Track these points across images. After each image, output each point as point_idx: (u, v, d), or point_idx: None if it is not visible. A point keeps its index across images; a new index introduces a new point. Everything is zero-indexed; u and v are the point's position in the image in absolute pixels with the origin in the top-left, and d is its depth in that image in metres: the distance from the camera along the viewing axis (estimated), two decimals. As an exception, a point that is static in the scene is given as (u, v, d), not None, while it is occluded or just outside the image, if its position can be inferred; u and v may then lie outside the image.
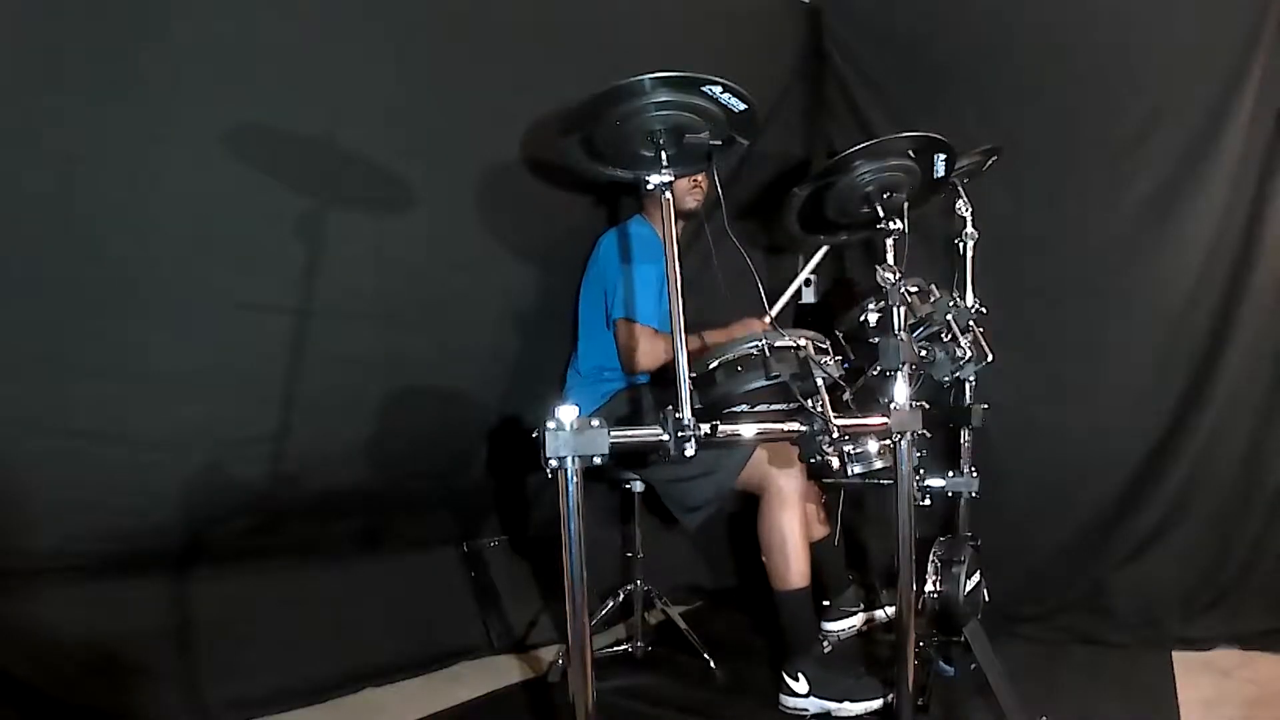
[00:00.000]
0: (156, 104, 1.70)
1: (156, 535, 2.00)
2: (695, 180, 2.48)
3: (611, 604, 2.51)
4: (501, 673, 2.54)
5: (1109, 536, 2.66)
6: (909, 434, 1.83)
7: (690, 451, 1.49)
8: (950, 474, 2.25)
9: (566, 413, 1.37)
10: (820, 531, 2.61)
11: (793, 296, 2.66)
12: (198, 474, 1.97)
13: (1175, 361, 2.59)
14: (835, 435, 1.70)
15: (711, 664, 2.41)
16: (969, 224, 2.39)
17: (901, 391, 1.85)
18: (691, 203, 2.51)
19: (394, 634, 2.48)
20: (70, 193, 1.65)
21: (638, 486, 2.47)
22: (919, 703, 2.03)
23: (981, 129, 2.53)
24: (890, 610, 2.58)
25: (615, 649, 2.56)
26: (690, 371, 1.57)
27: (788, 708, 2.18)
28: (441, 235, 2.23)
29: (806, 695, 2.16)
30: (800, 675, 2.17)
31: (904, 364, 1.84)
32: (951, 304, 2.10)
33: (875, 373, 2.10)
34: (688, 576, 3.20)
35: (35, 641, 1.90)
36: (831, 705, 2.15)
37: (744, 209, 2.92)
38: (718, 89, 1.51)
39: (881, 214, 1.89)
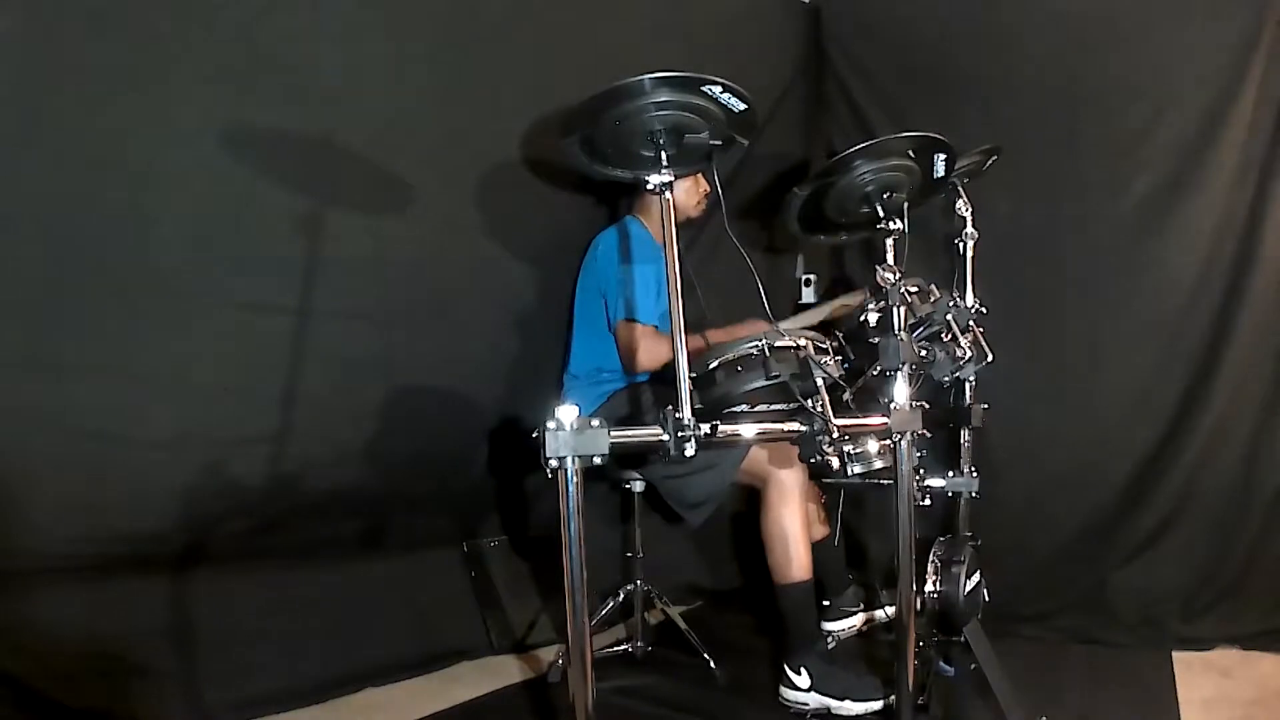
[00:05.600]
0: (156, 104, 1.70)
1: (156, 535, 2.00)
2: (705, 191, 2.50)
3: (611, 604, 2.51)
4: (501, 673, 2.54)
5: (1109, 536, 2.66)
6: (909, 434, 1.83)
7: (690, 451, 1.49)
8: (950, 474, 2.25)
9: (566, 413, 1.37)
10: (820, 532, 2.61)
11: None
12: (198, 474, 1.96)
13: (1175, 361, 2.59)
14: (835, 435, 1.70)
15: (711, 664, 2.40)
16: (969, 224, 2.40)
17: (901, 391, 1.85)
18: (696, 213, 2.53)
19: (394, 634, 2.48)
20: (70, 193, 1.65)
21: (638, 486, 2.47)
22: (919, 702, 2.02)
23: (981, 129, 2.53)
24: (890, 610, 2.58)
25: (615, 649, 2.56)
26: (690, 371, 1.57)
27: (788, 700, 2.18)
28: (441, 235, 2.23)
29: (808, 690, 2.16)
30: (803, 669, 2.16)
31: (904, 364, 1.84)
32: (951, 304, 2.09)
33: (875, 373, 2.10)
34: (688, 576, 3.20)
35: (35, 641, 1.90)
36: (832, 702, 2.14)
37: (744, 209, 2.92)
38: (718, 89, 1.51)
39: (881, 214, 1.89)
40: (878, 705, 2.12)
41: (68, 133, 1.62)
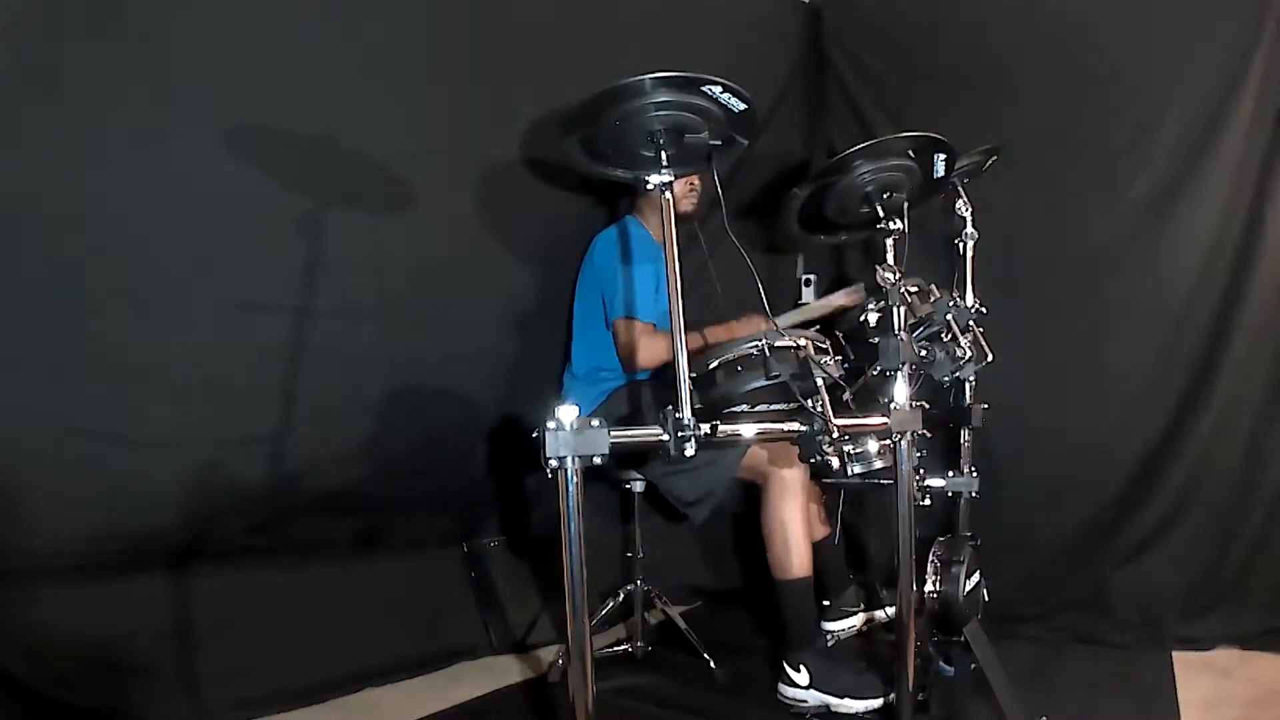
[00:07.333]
0: (156, 104, 1.70)
1: (156, 535, 2.00)
2: (691, 183, 2.48)
3: (611, 604, 2.51)
4: (501, 673, 2.54)
5: (1109, 536, 2.66)
6: (909, 434, 1.83)
7: (690, 451, 1.49)
8: (950, 474, 2.26)
9: (566, 413, 1.37)
10: (821, 531, 2.61)
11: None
12: (198, 474, 1.97)
13: (1175, 361, 2.59)
14: (835, 435, 1.70)
15: (711, 664, 2.40)
16: (969, 224, 2.39)
17: (901, 391, 1.85)
18: (687, 206, 2.51)
19: (394, 634, 2.49)
20: (70, 192, 1.65)
21: (638, 486, 2.48)
22: (919, 700, 2.02)
23: (981, 129, 2.53)
24: (890, 610, 2.58)
25: (615, 649, 2.56)
26: (690, 371, 1.57)
27: (786, 697, 2.18)
28: (441, 235, 2.23)
29: (808, 687, 2.16)
30: (802, 666, 2.16)
31: (904, 364, 1.84)
32: (951, 304, 2.10)
33: (875, 373, 2.10)
34: (688, 576, 3.20)
35: (35, 641, 1.90)
36: (832, 700, 2.14)
37: (744, 209, 2.92)
38: (717, 89, 1.51)
39: (881, 214, 1.89)
40: (877, 703, 2.12)
41: (68, 132, 1.62)
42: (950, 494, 2.28)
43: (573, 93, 1.54)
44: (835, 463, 1.74)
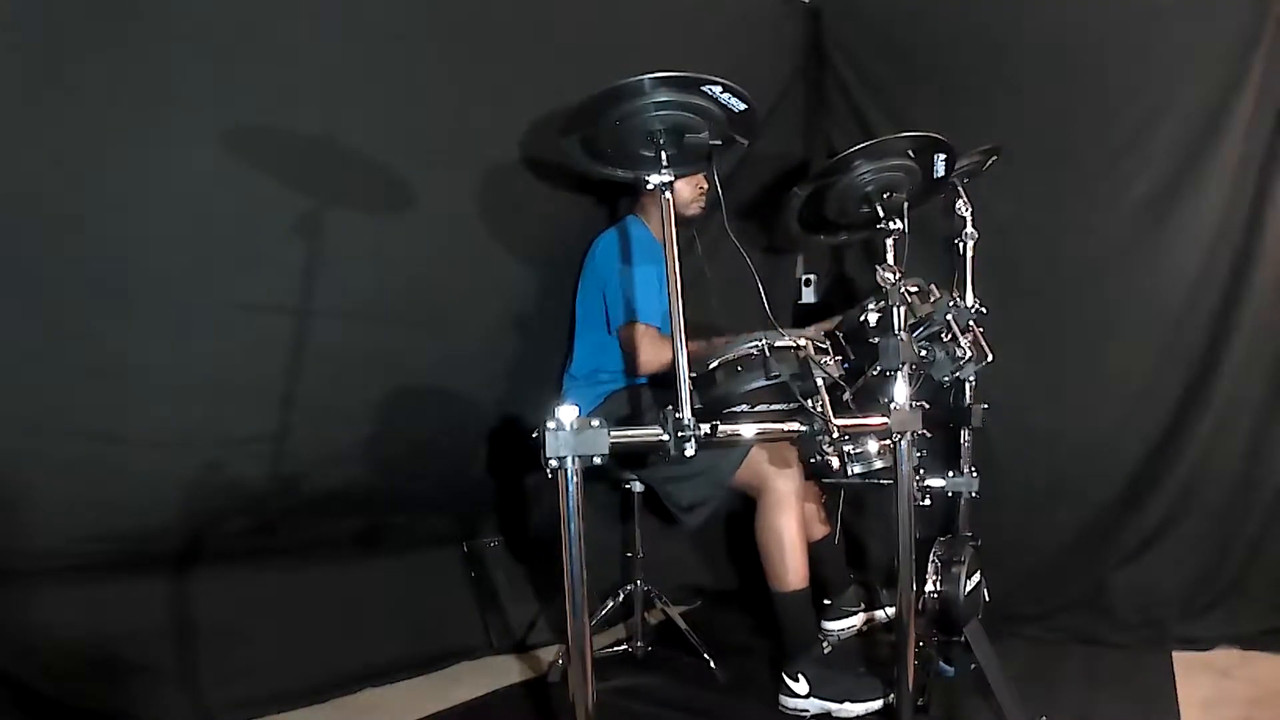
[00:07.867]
0: (156, 104, 1.70)
1: (156, 535, 2.00)
2: (700, 187, 2.48)
3: (611, 604, 2.51)
4: (501, 673, 2.54)
5: (1109, 536, 2.66)
6: (909, 434, 1.83)
7: (690, 451, 1.49)
8: (950, 474, 2.25)
9: (566, 413, 1.37)
10: (820, 531, 2.61)
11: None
12: (198, 474, 1.97)
13: (1175, 361, 2.59)
14: (835, 435, 1.71)
15: (712, 664, 2.40)
16: (969, 224, 2.40)
17: (901, 391, 1.85)
18: (694, 210, 2.51)
19: (394, 634, 2.49)
20: (69, 193, 1.65)
21: (638, 486, 2.47)
22: (919, 703, 2.03)
23: (981, 129, 2.53)
24: (890, 610, 2.58)
25: (615, 649, 2.56)
26: (691, 372, 1.56)
27: (788, 708, 2.18)
28: (441, 235, 2.23)
29: (807, 696, 2.16)
30: (800, 676, 2.17)
31: (904, 364, 1.84)
32: (951, 304, 2.10)
33: (875, 373, 2.10)
34: (688, 576, 3.19)
35: (35, 641, 1.90)
36: (832, 706, 2.14)
37: (744, 209, 2.91)
38: (718, 89, 1.52)
39: (881, 214, 1.89)
40: (877, 705, 2.13)
41: (68, 132, 1.62)
42: (950, 494, 2.28)
43: (573, 93, 1.54)
44: (835, 463, 1.74)
